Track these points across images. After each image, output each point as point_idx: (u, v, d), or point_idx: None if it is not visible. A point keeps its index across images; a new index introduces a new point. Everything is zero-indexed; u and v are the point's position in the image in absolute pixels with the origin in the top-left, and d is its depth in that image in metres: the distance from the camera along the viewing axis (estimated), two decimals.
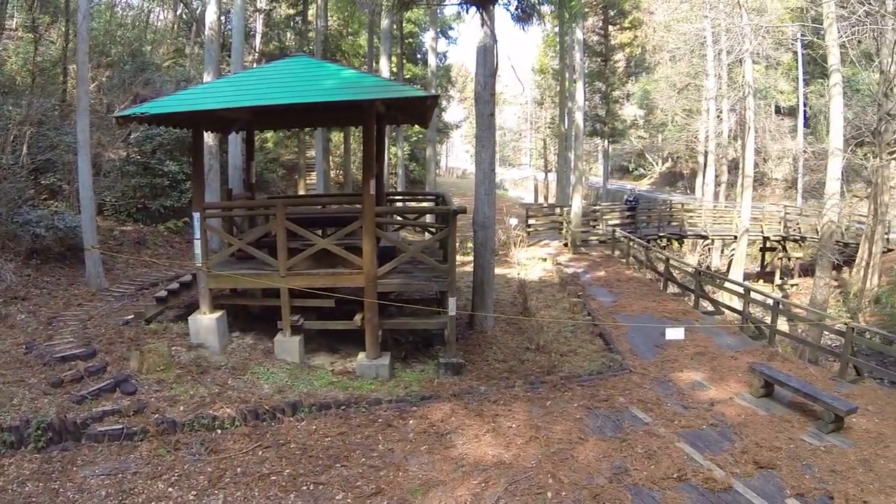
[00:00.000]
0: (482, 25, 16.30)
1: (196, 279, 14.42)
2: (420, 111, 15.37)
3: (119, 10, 38.14)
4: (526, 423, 11.09)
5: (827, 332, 20.79)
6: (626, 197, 39.67)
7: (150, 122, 15.04)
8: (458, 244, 17.79)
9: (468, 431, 10.72)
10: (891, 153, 28.45)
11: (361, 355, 13.60)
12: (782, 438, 10.81)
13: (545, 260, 27.65)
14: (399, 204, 23.33)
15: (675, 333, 14.42)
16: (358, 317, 13.56)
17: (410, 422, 11.06)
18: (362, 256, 13.09)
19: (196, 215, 13.32)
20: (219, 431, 10.16)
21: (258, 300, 14.84)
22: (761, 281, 37.42)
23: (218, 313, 13.73)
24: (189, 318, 13.78)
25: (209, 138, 21.26)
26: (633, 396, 12.58)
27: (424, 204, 23.82)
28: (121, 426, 9.77)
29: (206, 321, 13.48)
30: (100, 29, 29.44)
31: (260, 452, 9.69)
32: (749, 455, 10.02)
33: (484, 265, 17.13)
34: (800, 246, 37.55)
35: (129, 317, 14.18)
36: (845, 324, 14.93)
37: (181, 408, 10.63)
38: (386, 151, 30.11)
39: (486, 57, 16.33)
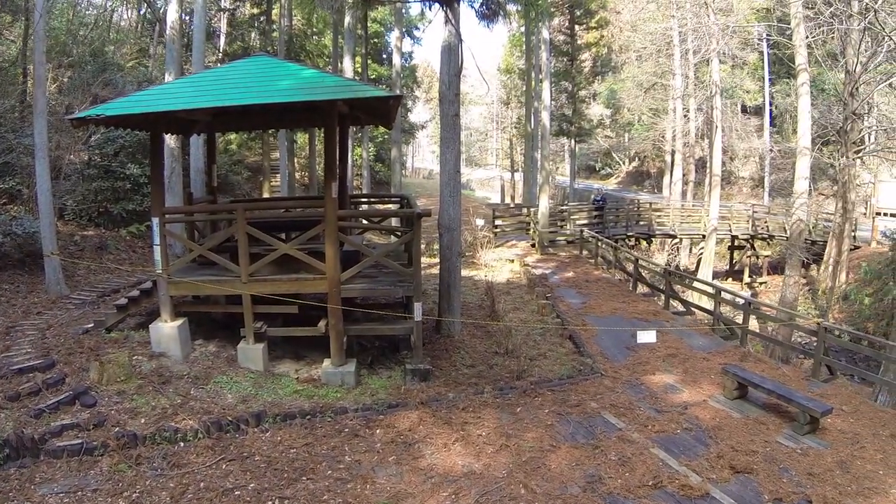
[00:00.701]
0: (446, 24, 15.98)
1: (156, 286, 14.01)
2: (383, 112, 15.02)
3: (81, 9, 37.36)
4: (496, 430, 10.80)
5: (797, 331, 20.66)
6: (593, 196, 40.08)
7: (106, 125, 14.56)
8: (424, 246, 17.49)
9: (437, 440, 10.40)
10: (856, 152, 28.66)
11: (327, 362, 13.26)
12: (758, 441, 10.64)
13: (513, 261, 27.44)
14: (364, 206, 23.00)
15: (646, 337, 14.17)
16: (322, 323, 13.23)
17: (377, 431, 10.73)
18: (325, 261, 12.72)
19: (155, 220, 12.91)
20: (181, 444, 9.77)
21: (222, 307, 14.37)
22: (730, 279, 37.80)
23: (179, 321, 13.31)
24: (150, 326, 13.32)
25: (171, 140, 20.86)
26: (605, 401, 12.34)
27: (390, 206, 23.48)
28: (80, 441, 9.34)
29: (167, 329, 13.06)
30: (61, 28, 28.89)
31: (224, 466, 9.31)
32: (725, 460, 9.84)
33: (450, 268, 16.79)
34: (768, 244, 37.76)
35: (90, 325, 13.71)
36: (817, 323, 14.80)
37: (142, 420, 10.25)
38: (350, 153, 29.81)
39: (451, 56, 16.02)
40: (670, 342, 16.12)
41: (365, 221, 17.79)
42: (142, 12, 44.24)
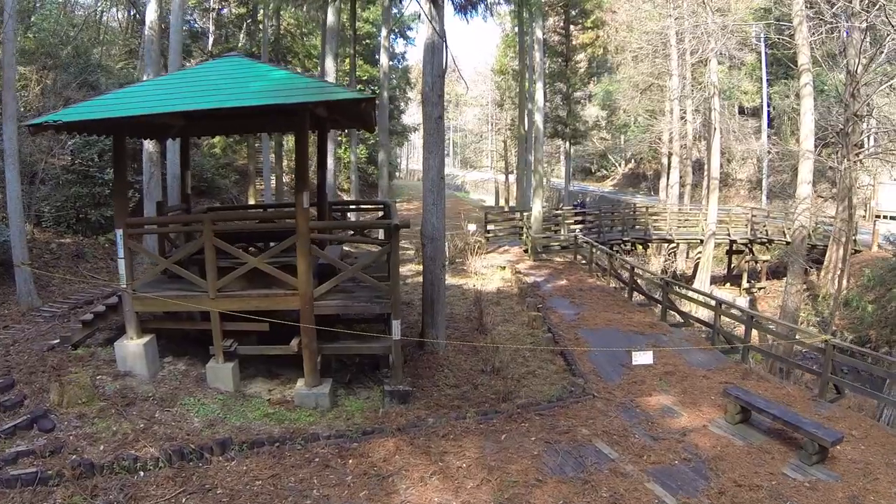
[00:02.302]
0: (430, 21, 15.16)
1: (121, 301, 13.20)
2: (361, 115, 14.14)
3: (70, 11, 36.60)
4: (477, 462, 9.91)
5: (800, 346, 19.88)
6: (574, 202, 39.61)
7: (67, 131, 13.62)
8: (413, 252, 16.75)
9: (413, 473, 9.54)
10: (857, 154, 28.02)
11: (300, 383, 12.55)
12: (762, 474, 9.78)
13: (504, 268, 26.57)
14: (351, 215, 22.25)
15: (642, 358, 13.35)
16: (294, 341, 12.49)
17: (350, 461, 9.87)
18: (297, 276, 11.94)
19: (118, 232, 12.20)
20: (141, 474, 9.00)
21: (196, 323, 13.51)
22: (728, 284, 37.53)
23: (146, 338, 12.57)
24: (115, 343, 12.60)
25: (150, 145, 20.32)
26: (598, 427, 11.44)
27: (378, 214, 22.69)
28: (35, 469, 8.65)
29: (133, 347, 12.33)
30: (49, 30, 28.12)
31: (184, 500, 8.55)
32: (727, 497, 9.02)
33: (434, 281, 15.94)
34: (767, 249, 37.13)
35: (55, 341, 12.96)
36: (825, 340, 13.92)
37: (101, 447, 9.53)
38: (331, 156, 29.03)
39: (434, 56, 15.22)
40: (668, 358, 15.25)
41: (343, 233, 16.99)
42: (131, 13, 43.48)
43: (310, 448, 10.20)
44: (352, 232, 17.86)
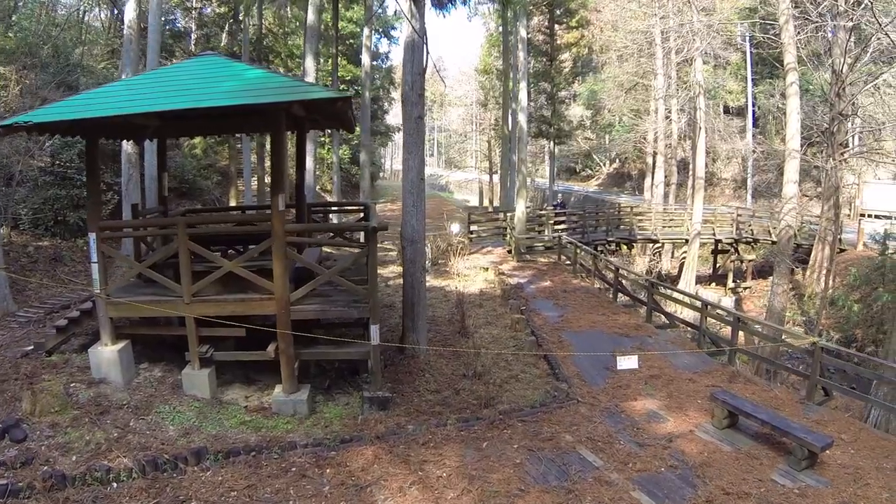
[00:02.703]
0: (410, 18, 14.85)
1: (95, 306, 12.84)
2: (339, 114, 13.81)
3: (51, 10, 36.19)
4: (458, 470, 9.60)
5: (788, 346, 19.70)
6: (553, 202, 41.06)
7: (39, 132, 13.26)
8: (396, 253, 16.49)
9: (392, 483, 9.23)
10: (842, 153, 28.02)
11: (278, 389, 12.23)
12: (751, 480, 9.52)
13: (487, 269, 26.30)
14: (333, 217, 21.98)
15: (627, 363, 13.06)
16: (271, 347, 12.17)
17: (327, 471, 9.56)
18: (274, 280, 11.64)
19: (92, 236, 11.86)
20: (114, 485, 8.69)
21: (173, 328, 13.16)
22: (714, 284, 37.41)
23: (121, 344, 12.23)
24: (89, 350, 12.25)
25: (128, 146, 20.03)
26: (582, 433, 11.16)
27: (355, 216, 22.40)
28: (6, 482, 8.32)
29: (107, 353, 11.99)
30: (30, 29, 27.77)
31: None
32: None
33: (414, 284, 15.62)
34: (752, 248, 37.04)
35: (30, 347, 12.69)
36: (814, 342, 13.70)
37: (74, 458, 9.24)
38: (312, 157, 28.75)
39: (415, 54, 14.91)
40: (653, 361, 15.00)
41: (320, 236, 16.72)
42: (114, 13, 43.10)
43: (287, 457, 9.90)
44: (332, 234, 17.57)
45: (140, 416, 10.93)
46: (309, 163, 27.41)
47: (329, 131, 39.52)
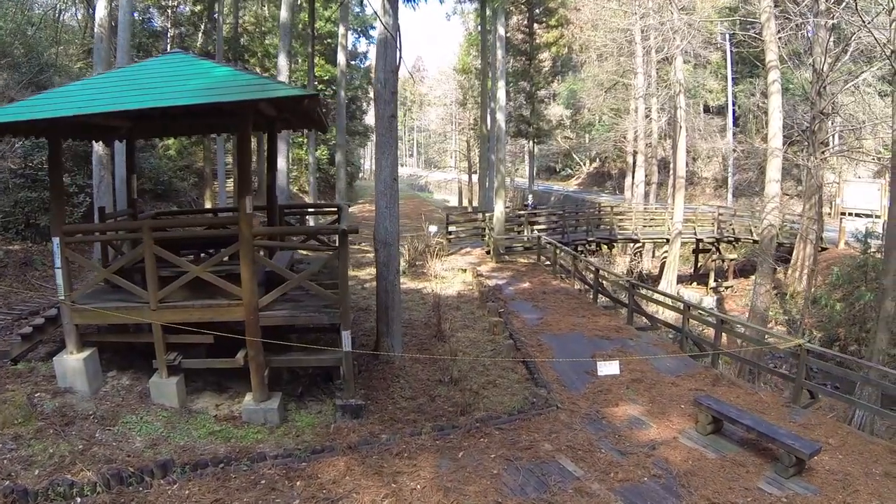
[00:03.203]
0: (382, 14, 14.46)
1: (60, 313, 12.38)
2: (308, 113, 13.40)
3: (27, 10, 35.68)
4: (433, 482, 9.17)
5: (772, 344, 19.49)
6: (524, 202, 41.55)
7: None
8: (373, 255, 16.13)
9: (364, 496, 8.79)
10: (822, 152, 27.99)
11: (248, 397, 11.84)
12: (737, 489, 9.15)
13: (465, 271, 25.98)
14: (310, 219, 21.59)
15: (608, 368, 12.73)
16: (241, 354, 11.75)
17: (297, 483, 9.11)
18: (242, 285, 11.26)
19: (55, 240, 11.48)
20: (78, 500, 8.30)
21: (141, 335, 12.68)
22: (695, 283, 37.41)
23: (87, 352, 11.82)
24: (54, 358, 11.83)
25: (99, 147, 19.67)
26: (561, 441, 10.76)
27: (332, 218, 22.06)
28: None
29: (72, 362, 11.58)
30: (5, 28, 27.25)
31: None
32: None
33: (388, 287, 15.21)
34: (734, 247, 37.08)
35: None
36: (799, 345, 13.39)
37: (36, 471, 8.91)
38: (282, 157, 28.37)
39: (387, 51, 14.50)
40: (635, 364, 14.64)
41: (294, 239, 16.31)
42: (90, 12, 42.62)
43: (256, 469, 9.45)
44: (304, 237, 17.16)
45: (106, 426, 10.57)
46: (281, 163, 27.08)
47: (305, 132, 39.16)
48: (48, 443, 9.65)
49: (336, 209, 18.67)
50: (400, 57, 14.69)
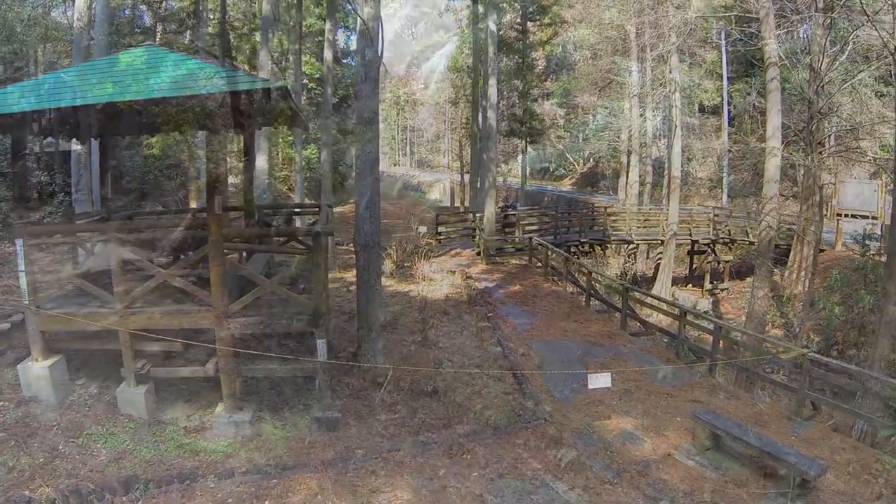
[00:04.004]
0: (361, 4, 13.84)
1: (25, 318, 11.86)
2: (281, 109, 12.79)
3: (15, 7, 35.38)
4: None
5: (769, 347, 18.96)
6: (506, 202, 40.81)
7: None
8: None
9: None
10: (820, 152, 27.98)
11: (220, 408, 11.28)
12: None
13: (454, 273, 25.43)
14: (297, 220, 21.07)
15: (599, 381, 12.13)
16: (211, 363, 11.23)
17: (266, 503, 8.58)
18: (211, 290, 10.74)
19: (19, 242, 10.97)
20: None
21: (107, 342, 11.90)
22: (690, 285, 37.03)
23: (53, 359, 11.30)
24: (18, 366, 11.34)
25: (77, 145, 19.44)
26: (550, 458, 10.24)
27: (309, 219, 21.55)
28: None
29: (37, 370, 11.08)
30: None
31: None
32: None
33: (369, 293, 14.56)
34: (729, 249, 36.61)
35: None
36: (802, 354, 12.80)
37: None
38: (263, 155, 27.91)
39: (367, 44, 13.83)
40: (628, 373, 14.15)
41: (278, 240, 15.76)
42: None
43: (223, 486, 9.05)
44: (284, 238, 16.58)
45: (70, 438, 10.08)
46: (262, 162, 26.49)
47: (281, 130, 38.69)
48: (8, 455, 9.24)
49: (318, 209, 18.05)
50: (382, 51, 14.05)
